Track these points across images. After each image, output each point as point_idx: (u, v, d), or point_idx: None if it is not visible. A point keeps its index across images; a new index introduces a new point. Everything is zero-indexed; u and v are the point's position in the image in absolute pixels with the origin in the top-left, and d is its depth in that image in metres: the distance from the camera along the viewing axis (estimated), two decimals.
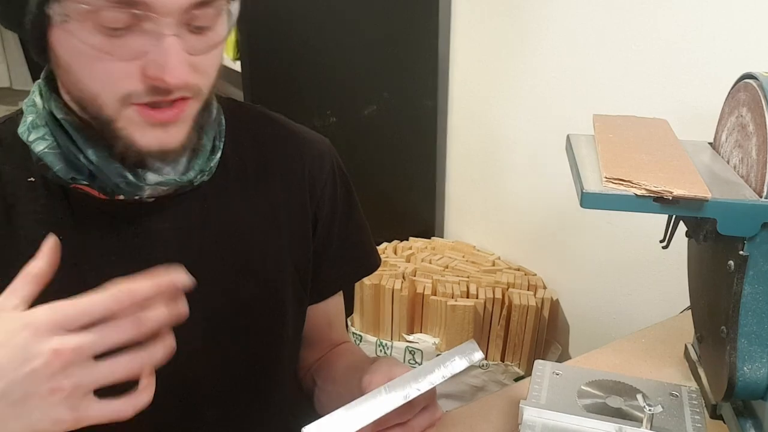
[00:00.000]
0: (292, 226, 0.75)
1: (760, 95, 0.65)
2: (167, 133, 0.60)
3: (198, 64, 0.58)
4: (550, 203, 1.50)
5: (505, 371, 1.44)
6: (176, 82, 0.55)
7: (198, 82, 0.59)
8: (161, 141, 0.59)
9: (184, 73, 0.56)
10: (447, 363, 0.58)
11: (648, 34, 1.19)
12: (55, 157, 0.62)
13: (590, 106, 1.33)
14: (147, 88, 0.56)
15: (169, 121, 0.59)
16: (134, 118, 0.58)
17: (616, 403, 0.71)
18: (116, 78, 0.56)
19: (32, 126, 0.63)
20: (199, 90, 0.60)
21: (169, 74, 0.55)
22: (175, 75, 0.55)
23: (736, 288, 0.64)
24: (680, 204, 0.60)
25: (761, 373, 0.65)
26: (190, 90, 0.59)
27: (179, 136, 0.61)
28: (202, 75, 0.60)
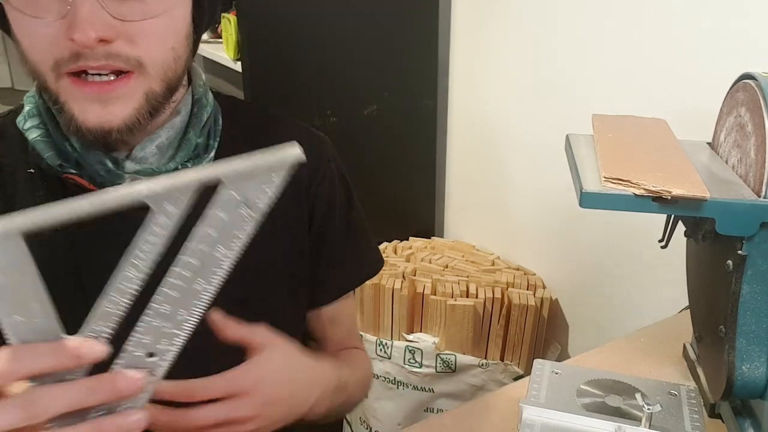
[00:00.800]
0: (287, 224, 0.75)
1: (758, 95, 0.65)
2: (106, 109, 0.57)
3: (132, 33, 0.56)
4: (549, 203, 1.50)
5: (504, 370, 1.45)
6: (83, 40, 0.53)
7: (134, 53, 0.57)
8: (100, 118, 0.57)
9: (94, 31, 0.53)
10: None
11: (647, 35, 1.19)
12: (45, 145, 0.63)
13: (589, 105, 1.33)
14: (71, 52, 0.55)
15: (102, 95, 0.57)
16: (70, 91, 0.57)
17: (615, 402, 0.71)
18: (44, 43, 0.55)
19: (28, 115, 0.65)
20: (138, 63, 0.57)
21: (77, 30, 0.53)
22: (83, 30, 0.53)
23: (735, 287, 0.64)
24: (679, 204, 0.60)
25: (760, 373, 0.65)
26: (122, 60, 0.56)
27: (121, 113, 0.58)
28: (139, 46, 0.57)
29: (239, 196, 0.42)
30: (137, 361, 0.44)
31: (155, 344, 0.44)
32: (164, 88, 0.61)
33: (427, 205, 1.82)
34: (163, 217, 0.41)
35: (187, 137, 0.67)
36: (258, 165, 0.41)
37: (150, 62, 0.58)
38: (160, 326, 0.44)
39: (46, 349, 0.41)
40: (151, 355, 0.44)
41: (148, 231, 0.41)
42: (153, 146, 0.65)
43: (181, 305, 0.44)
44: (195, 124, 0.68)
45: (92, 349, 0.42)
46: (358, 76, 1.60)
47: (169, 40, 0.60)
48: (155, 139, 0.65)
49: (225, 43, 1.67)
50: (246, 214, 0.42)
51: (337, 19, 1.52)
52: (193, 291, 0.44)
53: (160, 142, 0.65)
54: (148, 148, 0.65)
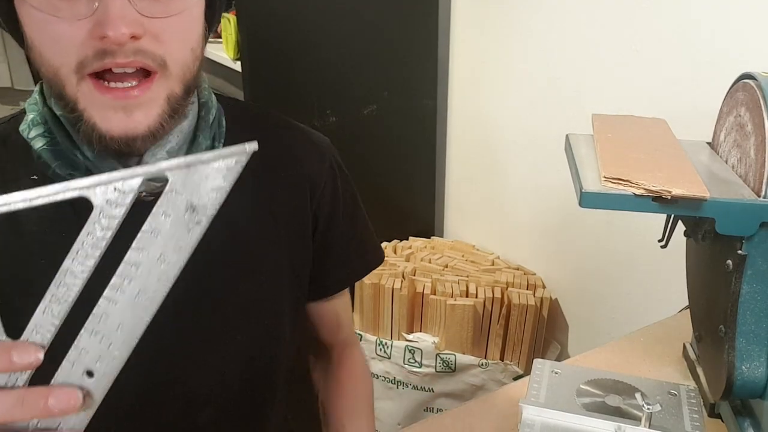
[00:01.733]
0: (291, 226, 0.75)
1: (758, 95, 0.65)
2: (131, 116, 0.56)
3: (158, 31, 0.56)
4: (549, 203, 1.50)
5: (504, 370, 1.45)
6: (117, 36, 0.53)
7: (159, 51, 0.56)
8: (124, 126, 0.56)
9: (126, 27, 0.53)
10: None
11: (647, 34, 1.19)
12: (52, 154, 0.62)
13: (589, 105, 1.33)
14: (96, 51, 0.54)
15: (128, 103, 0.56)
16: (91, 97, 0.56)
17: (614, 401, 0.71)
18: (68, 43, 0.55)
19: (32, 123, 0.63)
20: (163, 62, 0.57)
21: (110, 27, 0.53)
22: (116, 26, 0.52)
23: (735, 287, 0.64)
24: (679, 203, 0.61)
25: (759, 372, 0.65)
26: (149, 57, 0.56)
27: (145, 120, 0.57)
28: (163, 44, 0.57)
29: (185, 197, 0.38)
30: (74, 379, 0.41)
31: (95, 362, 0.41)
32: (183, 90, 0.60)
33: (427, 204, 1.82)
34: (105, 218, 0.38)
35: (196, 142, 0.66)
36: (204, 160, 0.37)
37: (173, 62, 0.58)
38: (100, 341, 0.40)
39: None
40: (89, 375, 0.41)
41: (89, 230, 0.39)
42: (164, 152, 0.64)
43: (120, 319, 0.40)
44: (203, 128, 0.67)
45: (25, 355, 0.40)
46: (358, 76, 1.60)
47: (190, 40, 0.60)
48: (165, 145, 0.64)
49: (225, 43, 1.67)
50: (193, 219, 0.39)
51: (336, 19, 1.52)
52: (134, 305, 0.40)
53: (170, 148, 0.64)
54: (159, 154, 0.63)
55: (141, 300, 0.40)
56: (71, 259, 0.39)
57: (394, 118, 1.67)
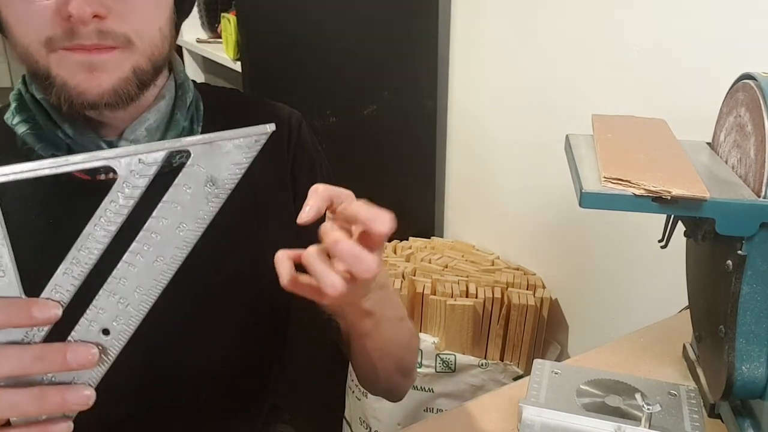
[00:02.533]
0: (271, 206, 0.76)
1: (758, 95, 0.65)
2: (94, 76, 0.60)
3: (121, 10, 0.59)
4: (549, 203, 1.50)
5: (504, 370, 1.45)
6: (80, 14, 0.56)
7: (122, 29, 0.60)
8: (89, 83, 0.60)
9: (89, 6, 0.56)
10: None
11: (647, 35, 1.19)
12: (35, 137, 0.65)
13: (589, 106, 1.33)
14: (63, 31, 0.58)
15: (92, 61, 0.59)
16: (61, 61, 0.59)
17: (614, 402, 0.71)
18: (36, 21, 0.58)
19: (15, 111, 0.67)
20: (127, 39, 0.60)
21: (73, 5, 0.56)
22: (78, 6, 0.56)
23: (735, 288, 0.64)
24: (679, 204, 0.61)
25: (759, 373, 0.65)
26: (112, 37, 0.59)
27: (108, 80, 0.60)
28: (127, 22, 0.60)
29: (207, 171, 0.41)
30: (91, 336, 0.43)
31: (111, 321, 0.43)
32: (151, 66, 0.63)
33: (427, 205, 1.82)
34: (129, 186, 0.40)
35: (174, 119, 0.70)
36: (227, 138, 0.40)
37: (138, 39, 0.61)
38: (117, 302, 0.43)
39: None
40: (105, 333, 0.44)
41: (112, 198, 0.41)
42: (142, 128, 0.67)
43: (139, 282, 0.43)
44: (180, 106, 0.70)
45: (45, 310, 0.42)
46: (358, 76, 1.60)
47: (157, 20, 0.63)
48: (144, 122, 0.67)
49: (225, 43, 1.67)
50: (212, 191, 0.41)
51: (336, 19, 1.52)
52: (152, 269, 0.43)
53: (148, 125, 0.68)
54: (138, 130, 0.67)
55: (159, 265, 0.42)
56: (93, 224, 0.41)
57: (394, 119, 1.67)
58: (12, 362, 0.42)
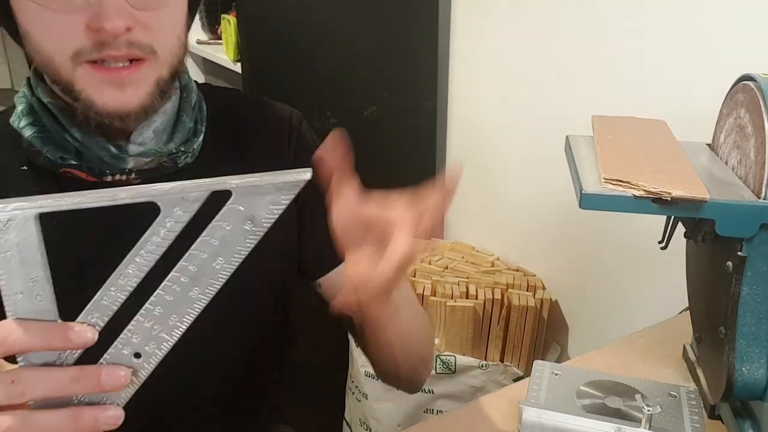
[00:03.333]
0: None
1: (758, 97, 0.65)
2: (123, 92, 0.60)
3: (147, 21, 0.59)
4: (549, 204, 1.50)
5: (504, 372, 1.45)
6: (114, 28, 0.56)
7: (148, 40, 0.60)
8: (118, 101, 0.60)
9: (122, 20, 0.56)
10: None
11: (647, 36, 1.19)
12: (42, 141, 0.65)
13: (589, 107, 1.33)
14: (93, 43, 0.58)
15: (122, 79, 0.60)
16: (88, 77, 0.59)
17: (614, 403, 0.71)
18: (64, 34, 0.58)
19: (22, 114, 0.67)
20: (152, 50, 0.61)
21: (106, 20, 0.56)
22: (112, 20, 0.56)
23: (735, 289, 0.64)
24: (679, 205, 0.61)
25: (760, 374, 0.65)
26: (138, 47, 0.59)
27: (137, 96, 0.61)
28: (152, 33, 0.60)
29: (246, 211, 0.42)
30: (123, 359, 0.45)
31: (143, 345, 0.45)
32: (170, 73, 0.64)
33: None
34: (171, 221, 0.42)
35: (180, 120, 0.70)
36: (269, 182, 0.42)
37: (161, 49, 0.62)
38: (151, 328, 0.44)
39: (39, 327, 0.42)
40: (137, 356, 0.45)
41: (154, 232, 0.42)
42: (150, 131, 0.67)
43: (173, 310, 0.44)
44: (186, 108, 0.71)
45: (82, 334, 0.43)
46: (358, 78, 1.60)
47: (177, 28, 0.64)
48: (151, 125, 0.67)
49: (225, 45, 1.67)
50: (250, 229, 0.43)
51: (336, 21, 1.52)
52: (187, 298, 0.44)
53: (155, 127, 0.68)
54: (145, 133, 0.67)
55: (193, 294, 0.44)
56: (134, 255, 0.42)
57: (394, 120, 1.67)
58: (50, 384, 0.43)
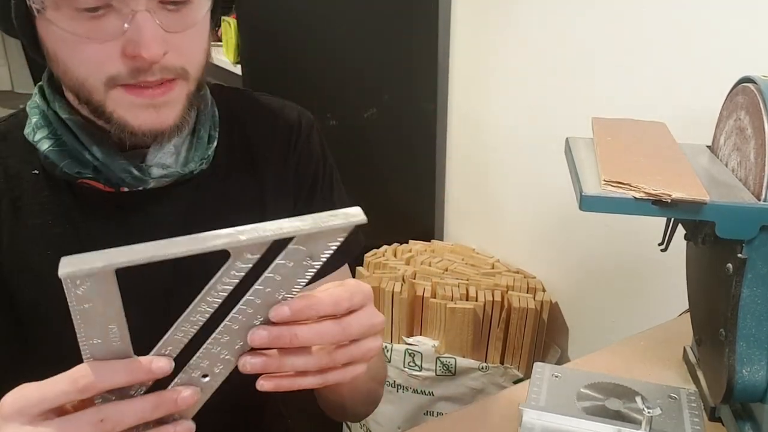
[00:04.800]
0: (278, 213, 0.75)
1: (758, 99, 0.65)
2: (159, 113, 0.60)
3: (178, 43, 0.59)
4: (549, 206, 1.50)
5: (504, 374, 1.45)
6: (152, 56, 0.56)
7: (180, 62, 0.60)
8: (154, 121, 0.60)
9: (159, 47, 0.56)
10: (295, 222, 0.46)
11: (646, 37, 1.19)
12: (59, 155, 0.64)
13: (589, 109, 1.33)
14: (129, 69, 0.57)
15: (157, 98, 0.60)
16: (122, 100, 0.59)
17: (615, 405, 0.71)
18: (99, 61, 0.57)
19: (36, 126, 0.65)
20: (185, 71, 0.61)
21: (145, 48, 0.56)
22: (150, 48, 0.56)
23: (735, 291, 0.64)
24: (679, 207, 0.61)
25: (760, 376, 0.65)
26: (172, 71, 0.59)
27: (172, 115, 0.61)
28: (184, 55, 0.60)
29: (306, 250, 0.46)
30: (193, 381, 0.48)
31: (212, 368, 0.48)
32: (198, 88, 0.65)
33: (427, 208, 1.82)
34: (240, 264, 0.45)
35: (198, 135, 0.69)
36: (328, 228, 0.46)
37: (191, 68, 0.62)
38: (219, 353, 0.48)
39: (122, 365, 0.45)
40: (205, 376, 0.49)
41: (225, 275, 0.45)
42: (170, 145, 0.67)
43: (239, 336, 0.48)
44: (204, 121, 0.70)
45: (163, 368, 0.46)
46: (358, 80, 1.60)
47: (204, 45, 0.64)
48: (171, 139, 0.67)
49: (225, 47, 1.67)
50: (309, 264, 0.47)
51: (336, 23, 1.52)
52: (251, 325, 0.48)
53: (175, 141, 0.67)
54: (166, 147, 0.67)
55: (257, 321, 0.48)
56: (206, 294, 0.46)
57: (394, 122, 1.68)
58: (136, 414, 0.45)
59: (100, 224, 0.67)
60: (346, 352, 0.51)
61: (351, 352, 0.51)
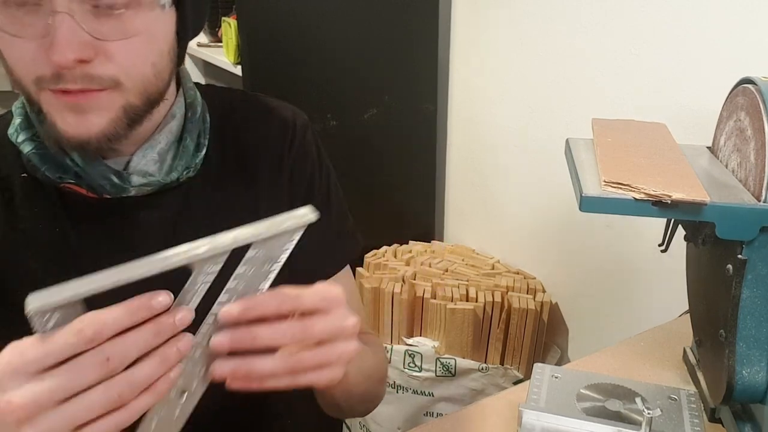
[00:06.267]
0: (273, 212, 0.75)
1: (758, 100, 0.65)
2: (83, 118, 0.57)
3: (112, 52, 0.55)
4: (549, 207, 1.50)
5: (504, 374, 1.45)
6: (61, 61, 0.53)
7: (110, 72, 0.56)
8: (77, 127, 0.57)
9: (73, 52, 0.53)
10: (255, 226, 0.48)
11: (647, 39, 1.20)
12: (41, 158, 0.63)
13: (589, 110, 1.33)
14: (53, 74, 0.55)
15: (78, 104, 0.56)
16: (51, 102, 0.57)
17: (615, 406, 0.71)
18: (26, 60, 0.55)
19: (20, 128, 0.65)
20: (116, 81, 0.56)
21: (56, 52, 0.53)
22: (61, 53, 0.52)
23: (735, 292, 0.64)
24: (679, 208, 0.61)
25: (760, 377, 0.65)
26: (97, 81, 0.56)
27: (98, 124, 0.57)
28: (117, 64, 0.56)
29: (264, 253, 0.48)
30: (171, 403, 0.48)
31: (188, 386, 0.49)
32: (144, 101, 0.60)
33: (427, 208, 1.82)
34: (203, 277, 0.46)
35: (184, 144, 0.67)
36: (281, 229, 0.48)
37: (127, 79, 0.58)
38: (192, 369, 0.48)
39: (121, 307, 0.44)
40: (183, 393, 0.49)
41: (190, 290, 0.46)
42: (154, 153, 0.65)
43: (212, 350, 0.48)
44: (190, 129, 0.68)
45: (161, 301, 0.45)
46: (358, 80, 1.60)
47: (149, 56, 0.59)
48: (155, 146, 0.65)
49: (225, 47, 1.67)
50: (268, 269, 0.49)
51: (337, 24, 1.53)
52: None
53: (160, 149, 0.66)
54: (149, 155, 0.65)
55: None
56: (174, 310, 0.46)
57: (395, 122, 1.68)
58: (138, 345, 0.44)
59: (88, 230, 0.66)
60: (314, 355, 0.50)
61: (319, 355, 0.50)
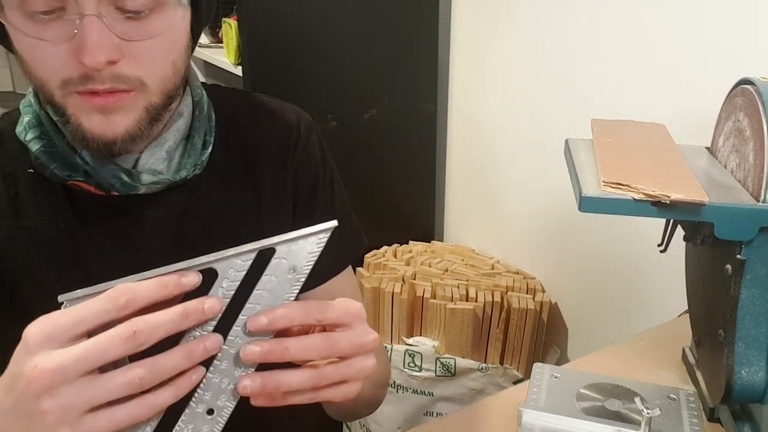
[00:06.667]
0: (274, 214, 0.75)
1: (757, 100, 0.65)
2: (109, 119, 0.58)
3: (137, 53, 0.57)
4: (549, 207, 1.50)
5: (503, 374, 1.45)
6: (93, 63, 0.54)
7: (136, 73, 0.58)
8: (103, 127, 0.58)
9: (104, 54, 0.54)
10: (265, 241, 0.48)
11: (646, 39, 1.20)
12: (50, 157, 0.64)
13: (589, 110, 1.34)
14: (80, 75, 0.56)
15: (106, 106, 0.58)
16: (79, 104, 0.58)
17: (614, 406, 0.71)
18: (53, 64, 0.56)
19: (28, 126, 0.65)
20: (141, 81, 0.58)
21: (87, 54, 0.54)
22: (91, 55, 0.54)
23: (734, 292, 0.64)
24: (678, 208, 0.61)
25: (759, 377, 0.65)
26: (125, 81, 0.57)
27: (123, 124, 0.59)
28: (143, 64, 0.58)
29: (288, 262, 0.48)
30: (198, 418, 0.48)
31: (215, 401, 0.48)
32: (163, 99, 0.62)
33: (427, 208, 1.82)
34: (228, 282, 0.47)
35: (192, 142, 0.68)
36: (304, 235, 0.48)
37: (152, 79, 0.59)
38: (219, 382, 0.48)
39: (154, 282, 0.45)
40: (210, 413, 0.48)
41: (213, 293, 0.47)
42: (162, 151, 0.66)
43: (238, 362, 0.48)
44: (198, 127, 0.69)
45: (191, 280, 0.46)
46: (358, 81, 1.60)
47: (171, 56, 0.61)
48: (164, 144, 0.66)
49: (226, 48, 1.67)
50: (293, 278, 0.48)
51: (337, 24, 1.53)
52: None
53: (168, 147, 0.66)
54: (158, 153, 0.66)
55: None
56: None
57: (395, 123, 1.68)
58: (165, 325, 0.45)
59: (95, 226, 0.67)
60: (336, 370, 0.50)
61: (342, 370, 0.50)
